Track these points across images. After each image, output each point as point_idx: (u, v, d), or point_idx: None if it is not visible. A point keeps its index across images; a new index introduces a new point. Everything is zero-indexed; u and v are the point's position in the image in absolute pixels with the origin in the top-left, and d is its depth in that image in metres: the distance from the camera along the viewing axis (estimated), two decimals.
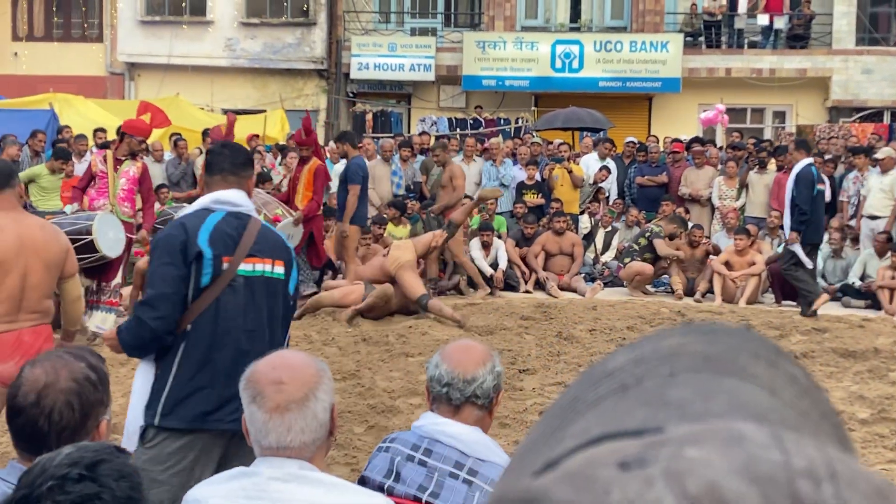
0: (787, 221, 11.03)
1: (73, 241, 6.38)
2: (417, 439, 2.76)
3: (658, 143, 16.39)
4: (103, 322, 8.66)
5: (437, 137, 16.08)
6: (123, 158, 9.74)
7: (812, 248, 11.08)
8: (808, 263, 10.95)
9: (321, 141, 17.61)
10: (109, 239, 8.64)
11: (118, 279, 9.35)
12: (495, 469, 2.65)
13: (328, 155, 15.18)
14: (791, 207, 10.85)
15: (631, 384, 0.51)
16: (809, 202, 10.72)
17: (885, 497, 0.42)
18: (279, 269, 3.86)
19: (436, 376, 2.75)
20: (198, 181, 14.58)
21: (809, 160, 11.07)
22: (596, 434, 0.47)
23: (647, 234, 12.63)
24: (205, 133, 14.66)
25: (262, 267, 3.81)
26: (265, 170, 13.88)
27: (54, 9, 23.71)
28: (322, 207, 11.46)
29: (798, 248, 10.90)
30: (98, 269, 8.82)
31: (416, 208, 13.68)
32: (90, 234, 8.43)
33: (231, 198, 3.84)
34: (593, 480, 0.42)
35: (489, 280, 12.26)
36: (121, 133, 9.96)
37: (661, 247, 12.47)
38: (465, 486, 2.65)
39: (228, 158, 3.92)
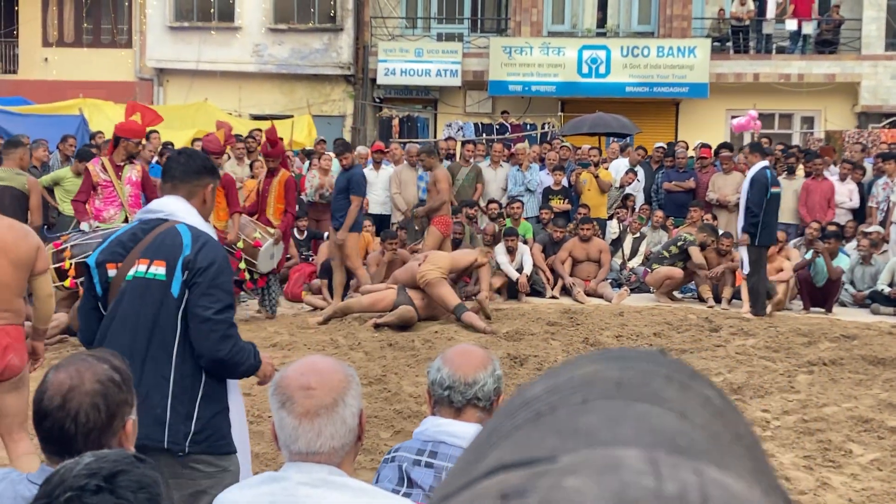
0: (739, 223, 11.37)
1: None
2: (421, 444, 2.79)
3: (686, 148, 16.32)
4: None
5: (464, 143, 16.05)
6: (122, 164, 9.45)
7: (764, 250, 11.35)
8: (746, 268, 11.22)
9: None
10: None
11: None
12: None
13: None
14: (745, 210, 11.16)
15: (545, 412, 0.52)
16: (761, 205, 11.00)
17: None
18: (158, 269, 3.60)
19: (437, 380, 2.78)
20: None
21: (765, 163, 11.35)
22: (493, 465, 0.48)
23: (680, 243, 12.53)
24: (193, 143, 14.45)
25: (137, 268, 3.63)
26: (295, 174, 13.93)
27: (84, 15, 23.93)
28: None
29: (744, 251, 11.20)
30: None
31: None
32: None
33: (160, 205, 3.80)
34: None
35: (514, 285, 12.25)
36: (115, 138, 9.59)
37: (697, 255, 12.39)
38: None
39: (181, 166, 3.85)
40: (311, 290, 11.86)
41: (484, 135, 20.32)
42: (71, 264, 8.75)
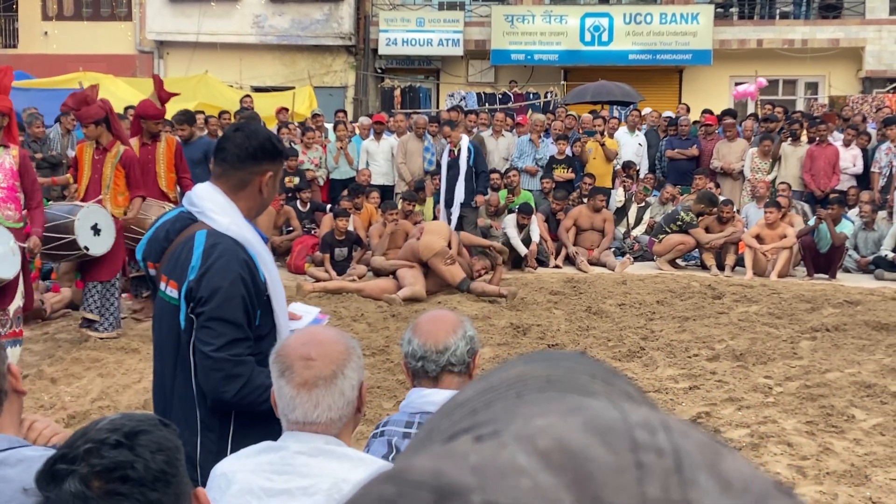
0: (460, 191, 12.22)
1: None
2: (409, 416, 2.79)
3: (688, 114, 16.25)
4: (11, 358, 7.03)
5: (466, 113, 15.99)
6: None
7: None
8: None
9: (350, 116, 17.63)
10: None
11: (17, 302, 7.28)
12: None
13: (358, 130, 15.20)
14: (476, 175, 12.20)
15: (481, 409, 0.54)
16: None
17: (715, 451, 0.46)
18: (172, 292, 3.11)
19: (409, 352, 2.77)
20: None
21: None
22: (448, 434, 0.51)
23: (679, 222, 12.49)
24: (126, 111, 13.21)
25: (161, 285, 3.19)
26: (293, 145, 13.90)
27: None
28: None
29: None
30: None
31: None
32: None
33: (198, 195, 3.19)
34: (452, 452, 0.46)
35: (522, 258, 12.25)
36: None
37: (700, 235, 12.38)
38: None
39: (236, 147, 3.20)
40: (313, 262, 11.86)
41: (486, 104, 20.25)
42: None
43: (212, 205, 3.14)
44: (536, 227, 12.47)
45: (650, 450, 0.45)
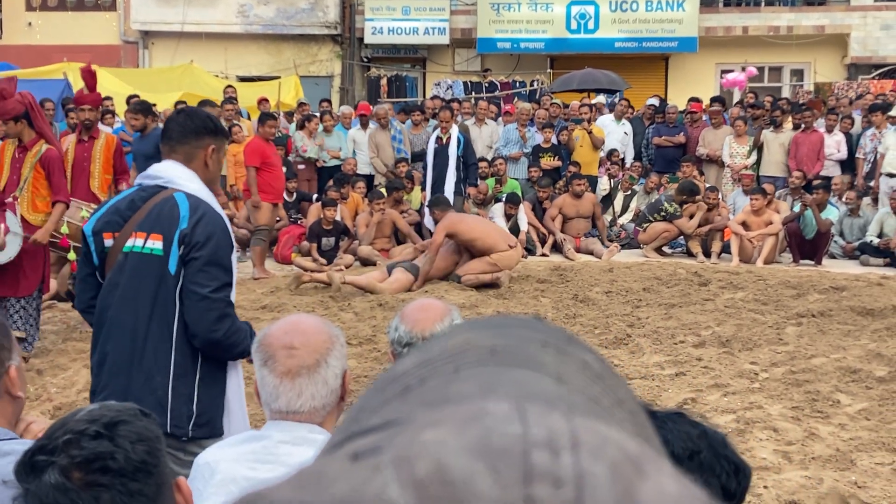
0: None
1: None
2: None
3: (676, 103, 16.27)
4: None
5: (450, 101, 15.96)
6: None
7: None
8: None
9: (335, 107, 17.59)
10: None
11: None
12: None
13: (340, 120, 15.19)
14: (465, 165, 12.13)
15: (414, 385, 0.49)
16: None
17: (636, 466, 0.40)
18: (155, 244, 3.39)
19: (396, 339, 2.75)
20: None
21: None
22: (341, 437, 0.46)
23: (663, 212, 12.51)
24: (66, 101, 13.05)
25: (135, 242, 3.42)
26: (281, 135, 13.88)
27: None
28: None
29: None
30: None
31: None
32: None
33: (158, 170, 3.54)
34: (320, 476, 0.41)
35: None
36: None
37: (684, 226, 12.41)
38: None
39: (178, 126, 3.58)
40: (300, 252, 11.85)
41: (473, 93, 20.23)
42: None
43: (177, 175, 3.49)
44: (524, 217, 12.48)
45: (546, 479, 0.39)
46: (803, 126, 14.03)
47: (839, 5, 21.69)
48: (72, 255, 7.88)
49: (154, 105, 13.76)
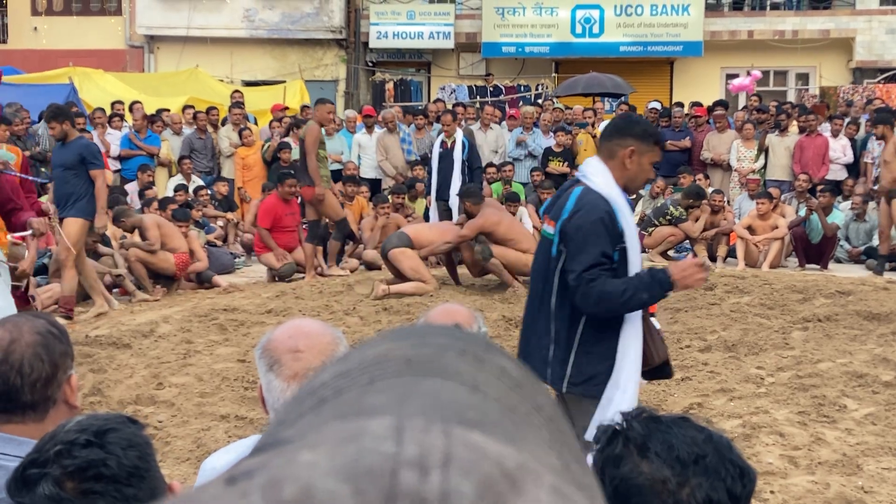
0: None
1: None
2: None
3: (683, 108, 16.24)
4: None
5: (453, 105, 15.97)
6: None
7: None
8: None
9: (339, 111, 17.60)
10: None
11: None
12: None
13: (344, 125, 15.22)
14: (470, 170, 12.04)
15: (329, 398, 0.49)
16: None
17: (511, 481, 0.40)
18: (549, 228, 4.00)
19: None
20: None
21: None
22: (250, 453, 0.45)
23: (668, 216, 12.50)
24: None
25: (545, 227, 4.08)
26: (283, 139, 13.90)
27: None
28: None
29: None
30: None
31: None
32: None
33: (584, 164, 4.08)
34: (198, 500, 0.40)
35: None
36: None
37: (691, 230, 12.40)
38: None
39: (611, 124, 4.15)
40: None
41: (478, 97, 20.23)
42: None
43: (594, 171, 3.92)
44: (528, 219, 12.47)
45: (409, 500, 0.38)
46: (808, 130, 14.00)
47: (844, 9, 21.66)
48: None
49: (190, 107, 13.82)
